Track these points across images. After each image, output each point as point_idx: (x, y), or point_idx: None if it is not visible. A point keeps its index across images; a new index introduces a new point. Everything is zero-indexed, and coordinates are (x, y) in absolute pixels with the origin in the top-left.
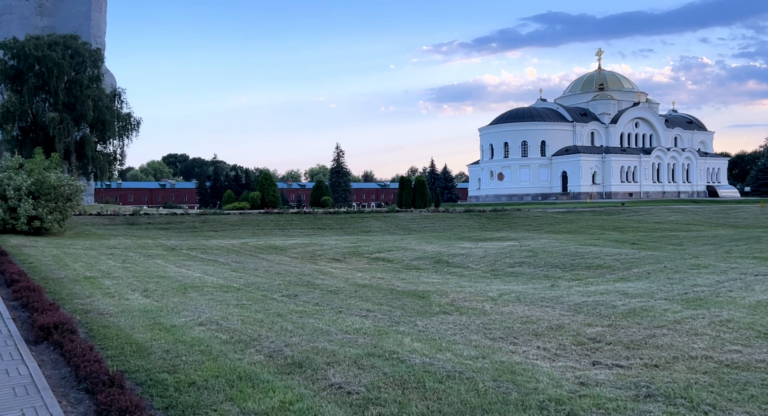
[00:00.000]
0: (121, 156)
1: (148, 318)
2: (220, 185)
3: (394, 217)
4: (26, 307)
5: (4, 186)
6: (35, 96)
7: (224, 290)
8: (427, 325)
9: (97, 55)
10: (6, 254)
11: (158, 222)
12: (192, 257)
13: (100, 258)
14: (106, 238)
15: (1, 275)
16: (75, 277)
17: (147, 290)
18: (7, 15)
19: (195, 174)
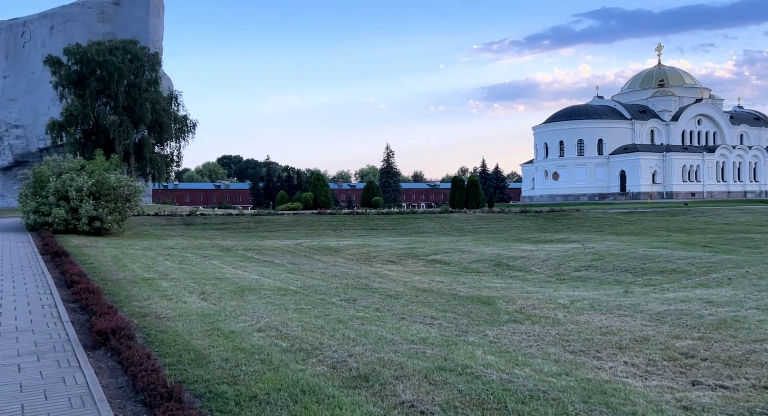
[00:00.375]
0: (178, 158)
1: (206, 323)
2: (273, 186)
3: (448, 218)
4: (85, 309)
5: (66, 187)
6: (96, 100)
7: (282, 294)
8: (498, 335)
9: (155, 59)
10: (67, 254)
11: (214, 223)
12: (248, 258)
13: (157, 259)
14: (164, 238)
15: (62, 276)
16: (133, 278)
17: (204, 293)
18: (71, 22)
19: (248, 175)
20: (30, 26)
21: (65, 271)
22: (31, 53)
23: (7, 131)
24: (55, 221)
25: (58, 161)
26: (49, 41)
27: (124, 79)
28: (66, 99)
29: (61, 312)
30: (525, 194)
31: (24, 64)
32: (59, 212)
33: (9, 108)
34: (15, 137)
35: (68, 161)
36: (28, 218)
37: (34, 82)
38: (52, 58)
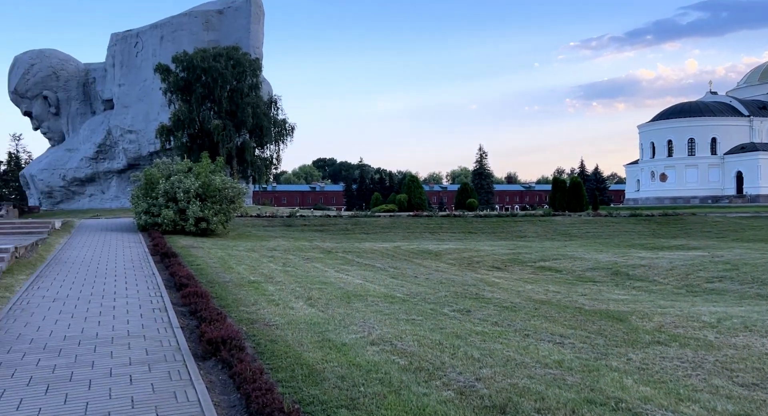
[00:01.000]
0: (277, 160)
1: (316, 333)
2: (366, 188)
3: (551, 221)
4: (194, 315)
5: (175, 189)
6: (202, 105)
7: (389, 301)
8: (645, 360)
9: (256, 65)
10: (176, 255)
11: (313, 224)
12: (348, 260)
13: (261, 261)
14: (266, 239)
15: (171, 277)
16: (239, 281)
17: (311, 298)
18: (179, 32)
19: (342, 177)
20: (142, 37)
21: (174, 273)
22: (143, 62)
23: (121, 136)
24: (164, 221)
25: (167, 164)
26: (159, 50)
27: (227, 84)
28: (174, 105)
29: (171, 316)
30: (629, 197)
31: (137, 73)
32: (168, 213)
33: (123, 114)
34: (128, 141)
35: (176, 164)
36: (139, 218)
37: (145, 90)
38: (161, 66)
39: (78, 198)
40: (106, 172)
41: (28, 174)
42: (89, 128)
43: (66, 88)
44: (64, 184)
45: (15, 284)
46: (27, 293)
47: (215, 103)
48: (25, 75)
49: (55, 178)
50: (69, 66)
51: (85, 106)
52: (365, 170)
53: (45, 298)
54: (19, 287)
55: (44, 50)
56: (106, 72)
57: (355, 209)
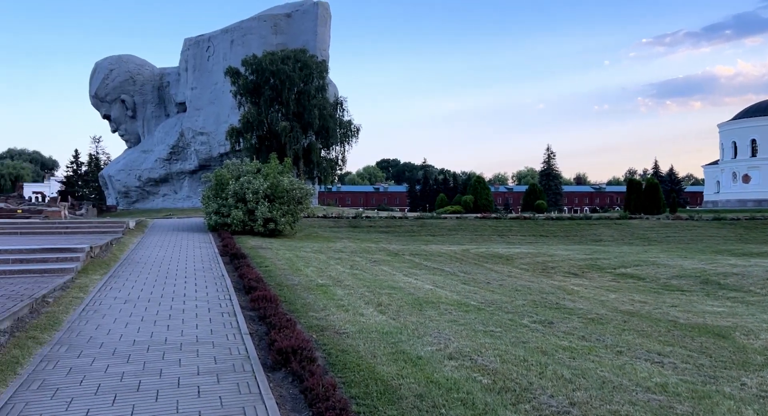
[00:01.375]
0: (343, 161)
1: (389, 343)
2: (429, 189)
3: (627, 225)
4: (263, 320)
5: (244, 190)
6: (270, 107)
7: (463, 309)
8: (763, 386)
9: (323, 67)
10: (245, 256)
11: (378, 225)
12: (416, 264)
13: (329, 263)
14: (332, 240)
15: (240, 279)
16: (308, 284)
17: (381, 305)
18: (248, 35)
19: (405, 178)
20: (214, 41)
21: (243, 275)
22: (214, 66)
23: (193, 138)
24: (234, 222)
25: (237, 165)
26: (229, 54)
27: (294, 86)
28: (243, 107)
29: (240, 321)
30: (708, 199)
31: (208, 77)
32: (237, 213)
33: (195, 117)
34: (200, 143)
35: (246, 165)
36: (209, 218)
37: (216, 93)
38: (231, 69)
39: (152, 198)
40: (179, 172)
41: (107, 175)
42: (163, 130)
43: (142, 92)
44: (139, 184)
45: (89, 284)
46: (100, 293)
47: (283, 105)
48: (104, 80)
49: (131, 178)
50: (145, 71)
51: (160, 109)
52: (429, 171)
53: (117, 299)
54: (93, 287)
55: (122, 56)
56: (180, 76)
57: (418, 210)
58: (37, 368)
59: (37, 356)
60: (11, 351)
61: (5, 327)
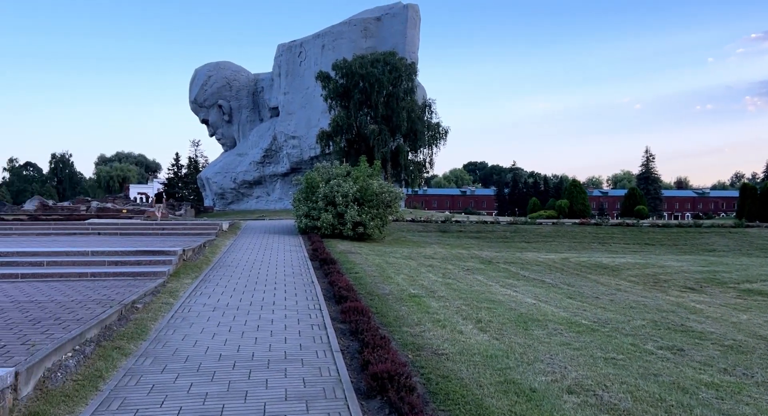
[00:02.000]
0: (430, 164)
1: (496, 370)
2: (519, 193)
3: (744, 233)
4: (355, 335)
5: (334, 193)
6: (359, 110)
7: (575, 330)
8: None
9: (412, 69)
10: (335, 262)
11: (469, 230)
12: (513, 274)
13: (420, 270)
14: (421, 246)
15: (330, 286)
16: (399, 294)
17: (480, 321)
18: (339, 40)
19: (493, 181)
20: (305, 47)
21: (333, 282)
22: (306, 71)
23: (285, 141)
24: (323, 225)
25: (327, 168)
26: (320, 59)
27: (383, 89)
28: (333, 110)
29: (330, 336)
30: None
31: (300, 81)
32: (327, 216)
33: (288, 121)
34: (292, 146)
35: (335, 168)
36: (300, 221)
37: (307, 97)
38: (322, 74)
39: (246, 199)
40: (272, 175)
41: (204, 177)
42: (257, 134)
43: (238, 97)
44: (234, 186)
45: (179, 289)
46: (189, 299)
47: (372, 108)
48: (203, 86)
49: (226, 180)
50: (241, 77)
51: (254, 113)
52: (518, 174)
53: (206, 306)
54: (183, 292)
55: (219, 63)
56: (273, 81)
57: (506, 213)
58: (120, 383)
59: (121, 369)
60: (96, 362)
61: (92, 335)
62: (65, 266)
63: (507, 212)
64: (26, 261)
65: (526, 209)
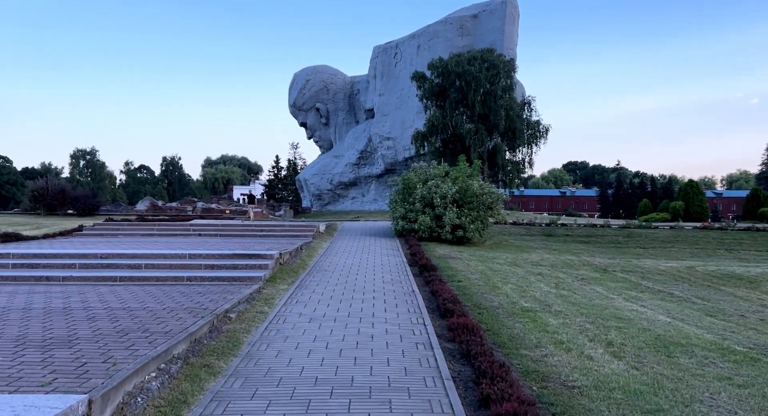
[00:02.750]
0: (530, 163)
1: (646, 413)
2: (623, 193)
3: None
4: (466, 358)
5: (431, 194)
6: (455, 110)
7: (730, 359)
8: None
9: (510, 66)
10: (435, 268)
11: (576, 234)
12: (634, 284)
13: (528, 279)
14: (525, 251)
15: (432, 296)
16: (510, 308)
17: (611, 344)
18: (434, 39)
19: (594, 182)
20: (401, 47)
21: (436, 292)
22: (401, 72)
23: (380, 143)
24: (421, 228)
25: (424, 168)
26: (416, 59)
27: (480, 87)
28: (428, 110)
29: (438, 358)
30: None
31: (395, 82)
32: (424, 219)
33: (382, 122)
34: (386, 147)
35: (433, 168)
36: (396, 224)
37: (402, 98)
38: (417, 74)
39: (342, 200)
40: (366, 176)
41: (302, 179)
42: (353, 136)
43: (334, 100)
44: (331, 187)
45: (275, 295)
46: (285, 308)
47: (468, 107)
48: (301, 90)
49: (323, 182)
50: (337, 80)
51: (350, 116)
52: (622, 174)
53: (302, 316)
54: (279, 299)
55: (317, 66)
56: (368, 83)
57: (610, 216)
58: (205, 412)
59: (208, 393)
60: (181, 384)
61: (180, 351)
62: (162, 270)
63: (610, 214)
64: (126, 264)
65: (636, 211)
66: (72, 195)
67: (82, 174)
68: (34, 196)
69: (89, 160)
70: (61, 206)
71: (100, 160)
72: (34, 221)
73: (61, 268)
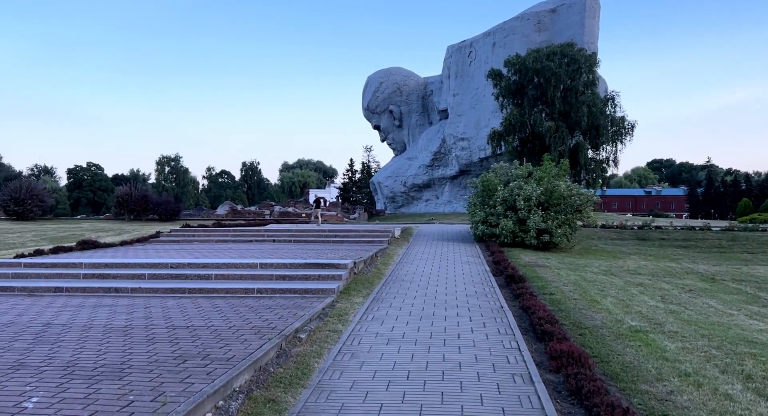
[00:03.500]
0: (614, 162)
1: None
2: (714, 193)
3: None
4: (576, 396)
5: (514, 196)
6: (533, 107)
7: None
8: None
9: (592, 60)
10: (524, 279)
11: (673, 238)
12: (753, 297)
13: (629, 291)
14: (618, 257)
15: (523, 312)
16: (616, 327)
17: (750, 377)
18: (510, 36)
19: (681, 180)
20: (475, 46)
21: (528, 308)
22: (475, 71)
23: (454, 144)
24: (503, 233)
25: (505, 168)
26: (491, 57)
27: (560, 84)
28: (505, 109)
29: (542, 397)
30: None
31: (469, 82)
32: (507, 223)
33: (456, 123)
34: (461, 148)
35: (515, 168)
36: (476, 228)
37: (477, 98)
38: (493, 72)
39: (416, 202)
40: (440, 178)
41: (376, 181)
42: (426, 138)
43: (408, 102)
44: (404, 190)
45: (349, 311)
46: (360, 326)
47: (547, 104)
48: (375, 93)
49: (397, 184)
50: (410, 81)
51: (423, 117)
52: (713, 172)
53: (378, 337)
54: (353, 315)
55: (390, 69)
56: (442, 84)
57: (699, 216)
58: None
59: None
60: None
61: (243, 382)
62: (232, 281)
63: (700, 215)
64: (195, 274)
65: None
66: (154, 201)
67: (168, 180)
68: (119, 202)
69: (173, 166)
70: (144, 212)
71: (184, 166)
72: (117, 226)
73: (130, 279)
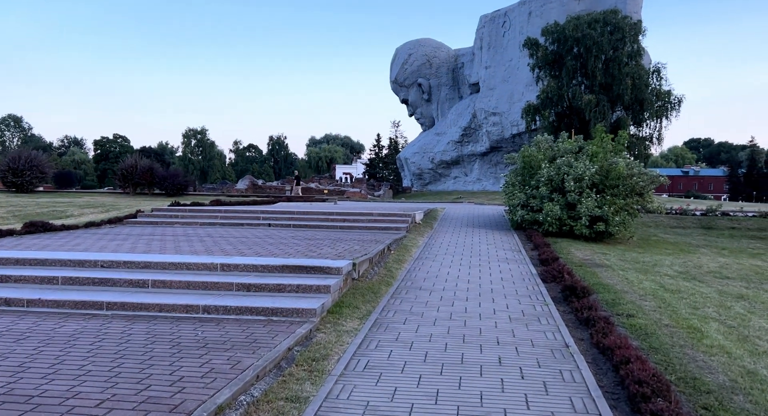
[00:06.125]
0: (658, 139)
1: None
2: (758, 173)
3: None
4: None
5: (562, 175)
6: (572, 80)
7: None
8: None
9: (637, 29)
10: (589, 292)
11: (745, 227)
12: None
13: (732, 307)
14: (686, 251)
15: (601, 356)
16: (748, 386)
17: None
18: (547, 5)
19: (720, 160)
20: (510, 16)
21: (609, 350)
22: (509, 42)
23: (485, 119)
24: (547, 219)
25: (551, 142)
26: (526, 27)
27: (602, 54)
28: (542, 81)
29: None
30: None
31: (503, 54)
32: (553, 207)
33: (488, 97)
34: (492, 124)
35: (564, 142)
36: (513, 213)
37: (510, 70)
38: (530, 41)
39: (443, 180)
40: (470, 155)
41: (403, 157)
42: (456, 112)
43: (437, 75)
44: (432, 166)
45: (333, 349)
46: (342, 385)
47: (587, 76)
48: (403, 65)
49: (424, 161)
50: (440, 53)
51: (453, 91)
52: (756, 152)
53: (368, 412)
54: (337, 358)
55: (420, 40)
56: (474, 56)
57: (740, 198)
58: None
59: None
60: None
61: None
62: (175, 292)
63: (741, 197)
64: (128, 280)
65: None
66: (160, 174)
67: (194, 153)
68: (123, 175)
69: (200, 139)
70: (150, 186)
71: (210, 139)
72: (112, 202)
73: (39, 283)
